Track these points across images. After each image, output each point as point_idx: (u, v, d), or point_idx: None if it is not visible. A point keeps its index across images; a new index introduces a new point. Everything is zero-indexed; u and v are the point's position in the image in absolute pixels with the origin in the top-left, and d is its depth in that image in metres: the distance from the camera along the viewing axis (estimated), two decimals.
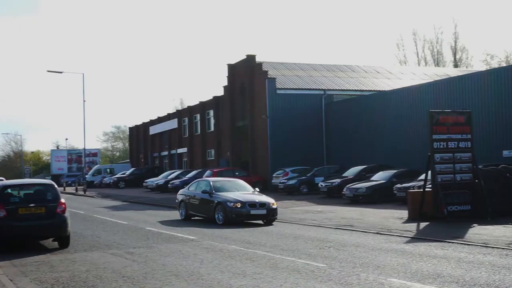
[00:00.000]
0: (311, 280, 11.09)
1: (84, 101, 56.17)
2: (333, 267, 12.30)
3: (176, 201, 25.65)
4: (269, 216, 22.14)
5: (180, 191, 26.02)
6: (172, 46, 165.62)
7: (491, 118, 32.10)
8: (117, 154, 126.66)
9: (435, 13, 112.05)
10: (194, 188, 24.71)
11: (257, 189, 24.79)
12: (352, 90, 48.49)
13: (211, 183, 23.75)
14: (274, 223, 22.35)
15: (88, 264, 13.64)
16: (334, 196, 34.35)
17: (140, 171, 65.23)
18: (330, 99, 47.55)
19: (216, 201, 22.33)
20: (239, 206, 21.69)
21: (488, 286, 10.12)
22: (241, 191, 23.62)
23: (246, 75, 49.81)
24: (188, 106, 67.99)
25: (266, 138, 46.91)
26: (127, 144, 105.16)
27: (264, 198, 22.62)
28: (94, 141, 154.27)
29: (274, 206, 22.29)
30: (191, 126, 64.94)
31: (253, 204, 21.89)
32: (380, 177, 32.78)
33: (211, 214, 22.55)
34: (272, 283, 10.88)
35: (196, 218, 24.25)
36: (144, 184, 54.03)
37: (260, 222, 22.22)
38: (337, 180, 35.47)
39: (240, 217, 21.75)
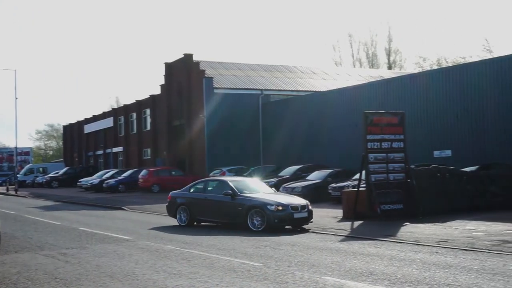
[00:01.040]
0: (247, 279, 11.12)
1: (16, 98, 55.13)
2: (269, 266, 12.37)
3: (169, 204, 22.09)
4: (309, 220, 19.54)
5: (176, 193, 22.21)
6: (108, 43, 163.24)
7: (423, 119, 32.97)
8: (50, 153, 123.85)
9: (370, 16, 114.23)
10: (201, 189, 21.44)
11: (273, 189, 22.51)
12: (289, 90, 48.95)
13: (231, 183, 20.56)
14: None
15: (19, 265, 13.27)
16: None
17: (74, 171, 63.99)
18: (267, 99, 47.86)
19: (247, 204, 19.19)
20: (280, 209, 18.70)
21: (419, 283, 10.37)
22: (262, 191, 20.75)
23: (183, 74, 49.59)
24: (124, 105, 67.27)
25: (203, 138, 46.84)
26: (61, 143, 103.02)
27: (300, 199, 20.09)
28: (27, 140, 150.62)
29: (311, 208, 19.78)
30: (127, 125, 64.18)
31: (296, 207, 19.08)
32: (315, 176, 33.20)
33: (238, 219, 19.43)
34: (208, 283, 10.86)
35: (204, 223, 21.39)
36: (78, 183, 53.10)
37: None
38: (274, 180, 35.63)
39: (283, 222, 18.86)
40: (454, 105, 31.69)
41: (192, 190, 21.78)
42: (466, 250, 13.97)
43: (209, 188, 21.35)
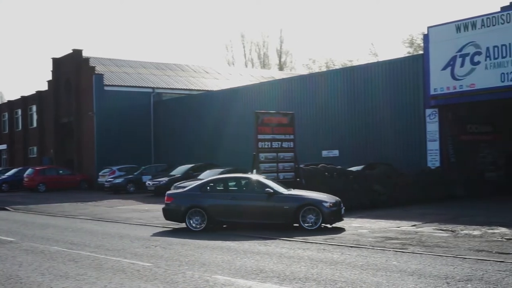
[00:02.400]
0: (136, 279, 10.97)
1: None
2: (159, 266, 12.26)
3: (170, 207, 19.05)
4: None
5: (179, 194, 19.61)
6: None
7: (312, 119, 33.81)
8: None
9: (262, 17, 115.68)
10: (222, 188, 19.19)
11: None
12: (181, 89, 48.75)
13: (265, 181, 19.15)
14: (101, 222, 21.84)
15: None
16: (162, 194, 34.03)
17: None
18: (159, 97, 47.44)
19: (298, 202, 17.94)
20: (332, 206, 17.88)
21: (307, 279, 10.62)
22: (284, 188, 19.10)
23: (72, 70, 48.22)
24: (9, 101, 64.71)
25: (92, 136, 45.75)
26: None
27: (333, 196, 18.97)
28: None
29: None
30: (11, 122, 61.68)
31: (340, 203, 18.46)
32: (207, 175, 33.07)
33: (283, 218, 18.07)
34: (96, 284, 10.62)
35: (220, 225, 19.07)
36: None
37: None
38: (165, 179, 35.44)
39: (336, 219, 18.12)
40: (342, 106, 32.74)
41: (207, 190, 19.11)
42: (351, 247, 14.44)
43: (233, 187, 19.29)
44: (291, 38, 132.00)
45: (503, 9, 25.84)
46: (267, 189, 18.36)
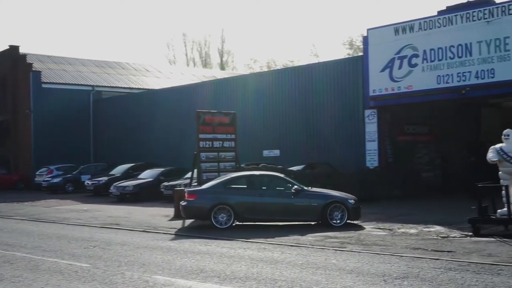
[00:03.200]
0: (74, 281, 10.78)
1: None
2: (97, 267, 12.08)
3: (193, 205, 18.56)
4: None
5: (202, 191, 18.90)
6: None
7: (253, 119, 33.93)
8: None
9: (204, 16, 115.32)
10: (247, 186, 18.95)
11: None
12: (122, 88, 48.19)
13: (289, 178, 19.32)
14: (38, 223, 21.40)
15: None
16: (101, 194, 33.79)
17: None
18: (98, 96, 46.75)
19: (326, 200, 18.15)
20: (355, 203, 18.41)
21: (247, 279, 10.65)
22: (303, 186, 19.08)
23: (8, 66, 46.94)
24: None
25: (29, 134, 44.68)
26: None
27: (344, 193, 19.40)
28: None
29: None
30: None
31: (358, 201, 18.85)
32: (147, 175, 32.97)
33: (310, 216, 18.25)
34: (32, 286, 10.38)
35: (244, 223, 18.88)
36: None
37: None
38: (104, 178, 34.99)
39: (358, 216, 18.51)
40: (283, 106, 32.97)
41: (232, 187, 18.79)
42: (292, 246, 14.55)
43: (258, 185, 19.05)
44: (232, 38, 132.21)
45: (440, 13, 26.53)
46: (296, 186, 18.46)
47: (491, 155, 15.28)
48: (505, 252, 12.71)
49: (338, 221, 17.95)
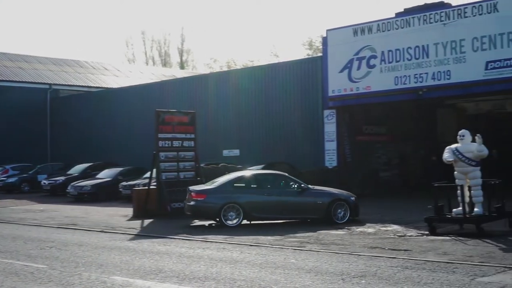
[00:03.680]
0: (30, 282, 10.60)
1: None
2: (54, 268, 11.90)
3: (202, 204, 18.46)
4: None
5: (210, 190, 18.79)
6: None
7: (213, 119, 33.88)
8: None
9: (163, 14, 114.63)
10: (253, 184, 19.25)
11: None
12: (80, 86, 47.61)
13: (293, 177, 19.75)
14: None
15: None
16: (58, 194, 33.34)
17: None
18: (56, 94, 46.10)
19: (330, 198, 18.75)
20: (355, 200, 19.20)
21: (206, 279, 10.63)
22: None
23: None
24: None
25: None
26: None
27: (343, 191, 20.24)
28: None
29: None
30: None
31: (357, 198, 19.64)
32: (105, 174, 32.65)
33: (316, 213, 18.59)
34: None
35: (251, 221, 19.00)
36: None
37: None
38: (61, 178, 34.54)
39: (358, 213, 19.18)
40: (243, 106, 32.99)
41: (240, 186, 19.04)
42: (251, 245, 14.58)
43: (265, 183, 19.36)
44: (192, 37, 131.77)
45: (398, 15, 26.88)
46: (302, 184, 18.97)
47: (446, 155, 15.56)
48: (460, 250, 12.96)
49: (341, 218, 18.57)
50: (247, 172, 20.68)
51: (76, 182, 31.76)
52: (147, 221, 20.49)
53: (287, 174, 20.21)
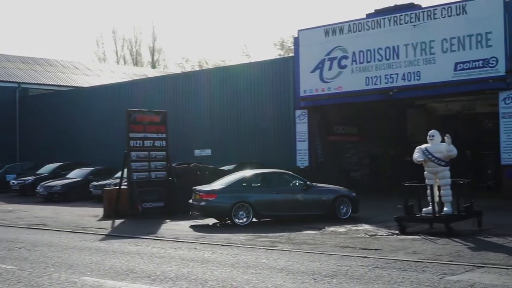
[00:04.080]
0: None
1: None
2: (23, 269, 11.75)
3: (213, 204, 18.59)
4: None
5: (219, 190, 18.82)
6: None
7: (185, 118, 33.80)
8: None
9: (134, 13, 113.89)
10: (261, 184, 19.52)
11: None
12: (50, 85, 47.04)
13: (297, 175, 20.36)
14: None
15: None
16: (27, 194, 32.97)
17: None
18: (25, 93, 45.50)
19: (334, 194, 19.44)
20: (355, 197, 19.79)
21: (178, 279, 10.59)
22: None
23: None
24: None
25: None
26: None
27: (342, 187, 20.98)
28: None
29: None
30: None
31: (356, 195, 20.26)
32: (76, 174, 32.36)
33: (321, 209, 19.06)
34: None
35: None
36: None
37: None
38: (31, 178, 34.15)
39: (359, 209, 19.73)
40: (215, 106, 32.96)
41: (248, 185, 19.34)
42: (223, 245, 14.57)
43: (271, 182, 19.63)
44: (164, 36, 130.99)
45: (369, 16, 27.11)
46: (307, 182, 19.47)
47: (416, 155, 15.71)
48: (430, 249, 13.11)
49: (344, 214, 19.23)
50: (254, 171, 20.87)
51: (46, 182, 31.43)
52: (118, 221, 20.36)
53: (291, 172, 20.64)
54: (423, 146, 15.83)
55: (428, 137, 15.84)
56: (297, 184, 19.58)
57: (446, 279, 10.06)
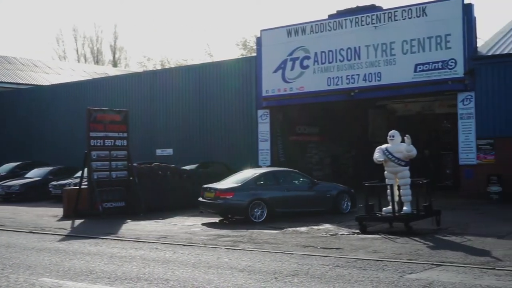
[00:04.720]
0: None
1: None
2: None
3: (231, 203, 18.89)
4: None
5: (236, 188, 19.13)
6: None
7: (147, 118, 33.58)
8: None
9: (95, 11, 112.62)
10: (272, 181, 20.02)
11: None
12: (8, 83, 46.14)
13: (302, 173, 21.41)
14: None
15: None
16: None
17: None
18: None
19: (336, 190, 20.66)
20: (353, 193, 20.90)
21: (139, 279, 10.51)
22: None
23: None
24: None
25: None
26: None
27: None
28: None
29: None
30: None
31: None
32: (35, 174, 31.88)
33: (326, 205, 20.17)
34: None
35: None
36: None
37: None
38: None
39: (356, 204, 20.58)
40: (177, 105, 32.83)
41: (261, 183, 19.77)
42: (184, 245, 14.51)
43: (281, 180, 20.29)
44: (125, 35, 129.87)
45: (331, 17, 27.31)
46: (313, 179, 20.87)
47: (377, 155, 15.88)
48: (389, 248, 13.26)
49: (345, 209, 20.36)
50: (263, 170, 21.82)
51: (4, 182, 30.90)
52: (78, 222, 20.12)
53: (297, 171, 21.55)
54: (384, 146, 16.01)
55: (388, 137, 16.02)
56: (303, 181, 20.55)
57: (406, 277, 10.19)
